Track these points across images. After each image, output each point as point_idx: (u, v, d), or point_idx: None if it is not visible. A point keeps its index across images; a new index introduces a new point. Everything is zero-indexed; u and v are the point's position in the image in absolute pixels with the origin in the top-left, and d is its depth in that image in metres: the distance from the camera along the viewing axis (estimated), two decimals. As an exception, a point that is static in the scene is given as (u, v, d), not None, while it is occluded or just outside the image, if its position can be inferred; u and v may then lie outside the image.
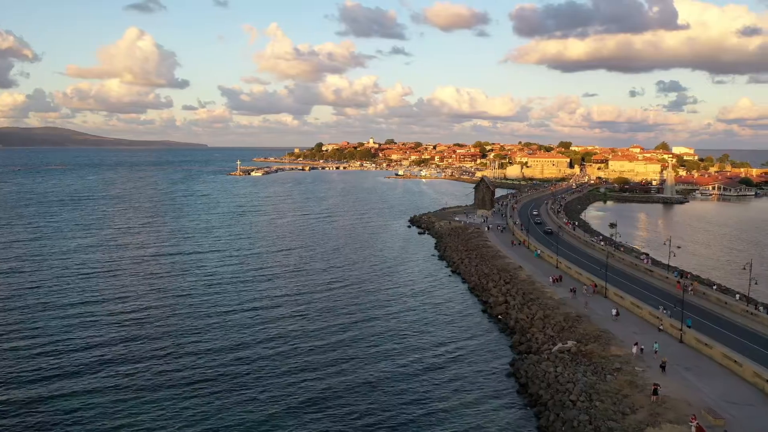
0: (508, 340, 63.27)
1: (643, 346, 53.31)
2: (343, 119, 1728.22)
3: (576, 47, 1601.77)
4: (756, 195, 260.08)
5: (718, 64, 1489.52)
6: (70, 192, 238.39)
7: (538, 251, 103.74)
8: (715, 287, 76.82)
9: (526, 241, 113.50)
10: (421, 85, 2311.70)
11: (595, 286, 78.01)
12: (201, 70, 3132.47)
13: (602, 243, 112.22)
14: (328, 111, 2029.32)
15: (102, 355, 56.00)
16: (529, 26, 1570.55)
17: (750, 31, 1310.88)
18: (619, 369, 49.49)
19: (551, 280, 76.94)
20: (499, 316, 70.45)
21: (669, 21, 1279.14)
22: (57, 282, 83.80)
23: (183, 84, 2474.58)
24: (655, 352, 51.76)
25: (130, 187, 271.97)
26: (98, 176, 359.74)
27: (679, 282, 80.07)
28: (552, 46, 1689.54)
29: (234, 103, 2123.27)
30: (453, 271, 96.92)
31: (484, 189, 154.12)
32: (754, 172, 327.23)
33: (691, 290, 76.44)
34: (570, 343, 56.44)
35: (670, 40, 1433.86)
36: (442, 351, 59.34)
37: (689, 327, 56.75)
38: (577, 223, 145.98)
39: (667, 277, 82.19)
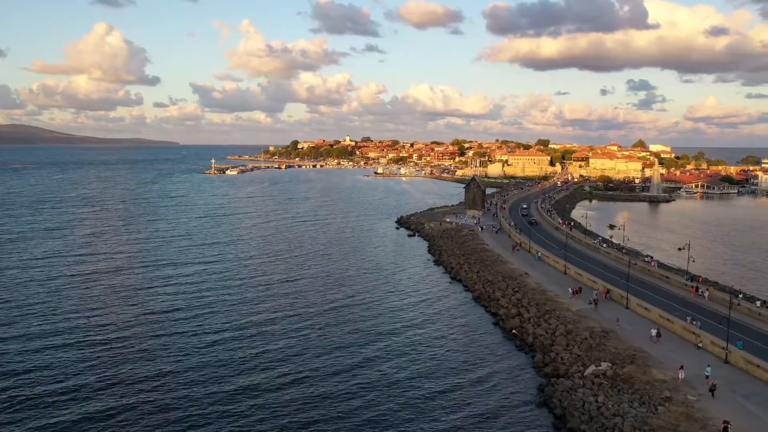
0: (528, 360, 56.96)
1: (684, 366, 47.46)
2: (316, 117, 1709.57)
3: (548, 46, 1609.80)
4: (738, 193, 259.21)
5: (687, 63, 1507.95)
6: (35, 193, 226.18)
7: (539, 254, 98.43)
8: (741, 295, 71.36)
9: (524, 243, 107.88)
10: (395, 82, 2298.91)
11: (606, 292, 72.54)
12: (172, 66, 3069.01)
13: (605, 246, 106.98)
14: (301, 109, 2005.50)
15: (72, 392, 48.03)
16: (502, 25, 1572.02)
17: (717, 31, 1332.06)
18: (669, 398, 43.41)
19: (571, 292, 70.66)
20: (514, 331, 64.10)
21: (639, 21, 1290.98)
22: (18, 298, 75.06)
23: (153, 81, 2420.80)
24: (707, 377, 45.65)
25: (100, 188, 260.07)
26: (65, 175, 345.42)
27: (695, 287, 75.04)
28: (525, 45, 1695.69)
29: (206, 100, 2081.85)
30: (453, 278, 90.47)
31: (475, 189, 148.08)
32: (732, 170, 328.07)
33: (707, 295, 71.58)
34: (605, 365, 50.25)
35: (640, 40, 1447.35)
36: (458, 375, 52.68)
37: (740, 349, 50.85)
38: (572, 223, 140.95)
39: (686, 284, 76.76)
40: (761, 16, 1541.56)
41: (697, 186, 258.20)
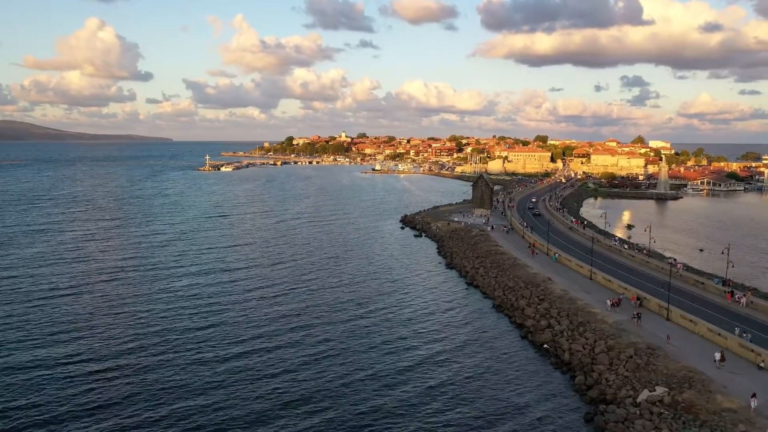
0: (566, 380, 51.12)
1: (755, 393, 41.69)
2: (310, 113, 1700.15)
3: (543, 42, 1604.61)
4: (744, 190, 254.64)
5: (681, 59, 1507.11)
6: (24, 191, 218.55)
7: (557, 255, 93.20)
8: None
9: (538, 243, 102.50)
10: (390, 78, 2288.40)
11: (636, 299, 66.96)
12: (165, 62, 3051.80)
13: (626, 247, 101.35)
14: (295, 105, 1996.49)
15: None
16: (496, 20, 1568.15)
17: (711, 27, 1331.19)
18: (746, 434, 37.63)
19: (609, 303, 64.48)
20: (546, 346, 58.29)
21: (634, 17, 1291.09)
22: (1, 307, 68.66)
23: (146, 76, 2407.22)
24: (790, 408, 39.89)
25: (93, 185, 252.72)
26: (57, 172, 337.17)
27: (730, 292, 69.56)
28: (519, 41, 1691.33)
29: (199, 96, 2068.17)
30: (469, 284, 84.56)
31: (483, 186, 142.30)
32: (735, 166, 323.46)
33: (744, 301, 66.25)
34: (660, 390, 44.43)
35: (634, 36, 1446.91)
36: (494, 401, 46.76)
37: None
38: (585, 222, 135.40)
39: (725, 291, 71.00)
40: (755, 12, 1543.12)
41: (702, 183, 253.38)
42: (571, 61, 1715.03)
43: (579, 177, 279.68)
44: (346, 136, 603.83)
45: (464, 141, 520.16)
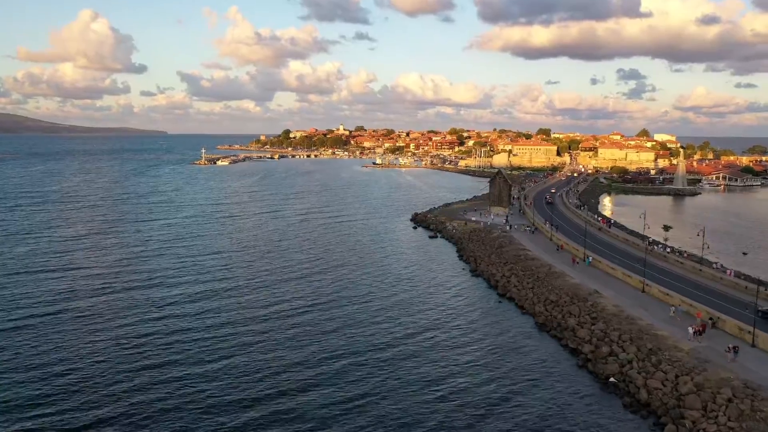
0: (650, 429, 41.65)
1: None
2: (306, 106, 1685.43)
3: (539, 34, 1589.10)
4: (762, 185, 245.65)
5: (677, 52, 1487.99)
6: (11, 187, 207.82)
7: (590, 258, 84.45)
8: None
9: (566, 245, 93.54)
10: (385, 71, 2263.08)
11: (709, 318, 57.66)
12: (159, 54, 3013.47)
13: (669, 251, 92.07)
14: (291, 98, 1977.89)
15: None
16: (493, 12, 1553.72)
17: (709, 20, 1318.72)
18: None
19: (692, 331, 54.35)
20: (612, 380, 48.81)
21: (632, 9, 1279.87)
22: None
23: (141, 69, 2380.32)
24: None
25: (84, 180, 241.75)
26: (46, 166, 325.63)
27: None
28: (516, 33, 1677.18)
29: (194, 89, 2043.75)
30: (501, 295, 74.97)
31: (501, 183, 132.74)
32: (745, 161, 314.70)
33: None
34: (787, 453, 35.05)
35: (631, 28, 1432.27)
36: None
37: None
38: (612, 221, 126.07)
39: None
40: (753, 5, 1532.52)
41: (718, 178, 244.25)
42: (567, 54, 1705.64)
43: (589, 171, 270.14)
44: (344, 129, 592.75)
45: (465, 134, 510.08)
